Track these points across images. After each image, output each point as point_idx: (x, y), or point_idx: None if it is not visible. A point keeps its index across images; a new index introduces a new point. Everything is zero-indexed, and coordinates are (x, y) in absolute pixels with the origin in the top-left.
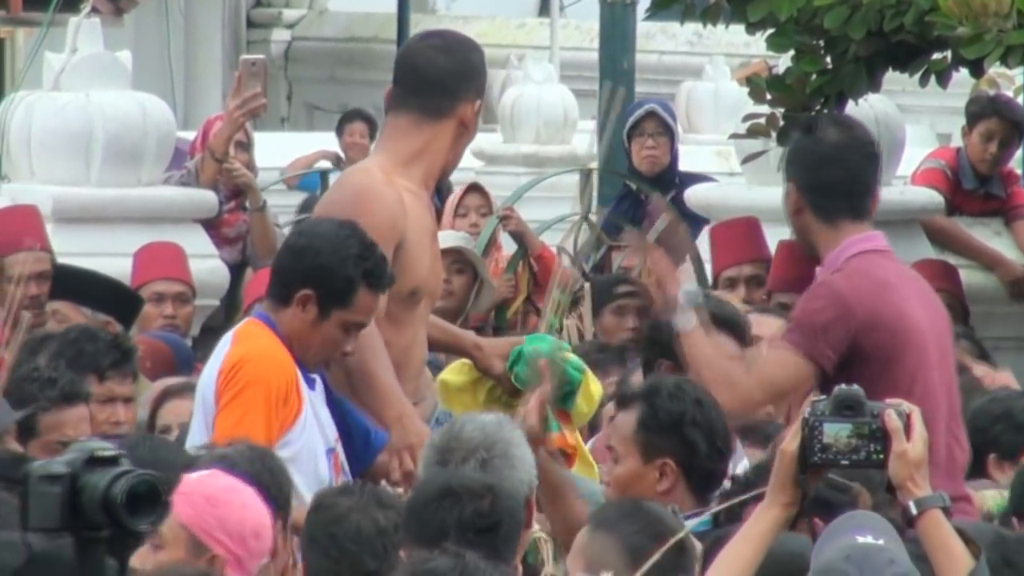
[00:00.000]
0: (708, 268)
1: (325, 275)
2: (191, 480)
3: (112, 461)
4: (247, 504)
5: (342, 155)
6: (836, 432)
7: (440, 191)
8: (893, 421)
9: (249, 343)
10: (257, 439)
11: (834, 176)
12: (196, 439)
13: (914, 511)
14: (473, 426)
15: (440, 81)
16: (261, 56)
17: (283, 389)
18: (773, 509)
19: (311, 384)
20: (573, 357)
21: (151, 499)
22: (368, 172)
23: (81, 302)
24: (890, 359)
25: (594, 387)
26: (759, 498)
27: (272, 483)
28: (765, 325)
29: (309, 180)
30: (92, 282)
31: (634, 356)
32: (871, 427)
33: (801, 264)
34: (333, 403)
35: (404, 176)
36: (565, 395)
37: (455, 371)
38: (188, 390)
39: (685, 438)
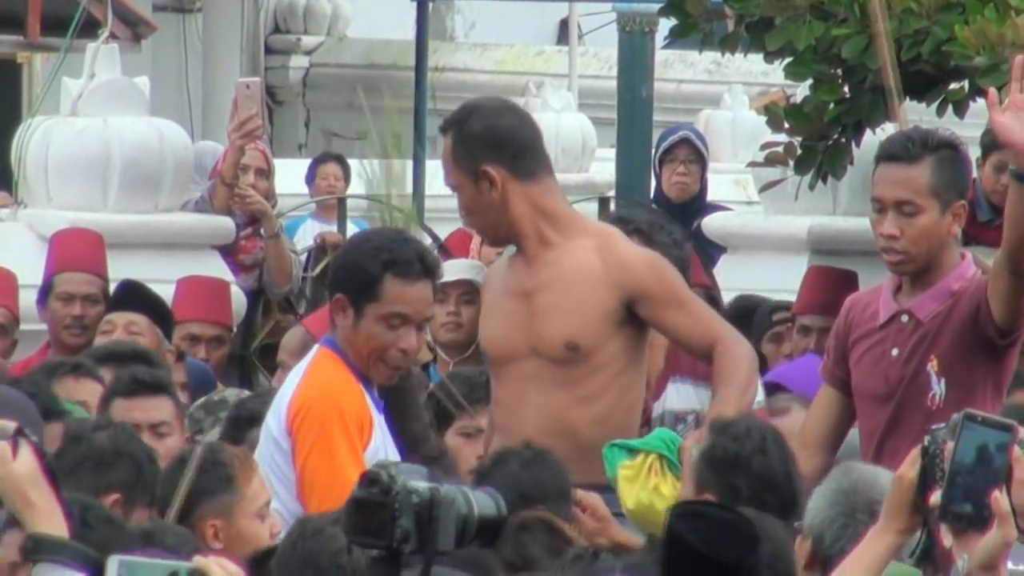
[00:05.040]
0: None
1: (347, 274)
2: None
3: None
4: None
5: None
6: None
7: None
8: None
9: (316, 376)
10: (353, 477)
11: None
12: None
13: None
14: (886, 480)
15: None
16: (256, 78)
17: (356, 416)
18: (887, 535)
19: (378, 406)
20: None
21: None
22: None
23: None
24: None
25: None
26: None
27: None
28: None
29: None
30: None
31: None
32: None
33: (832, 289)
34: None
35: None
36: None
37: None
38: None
39: None
